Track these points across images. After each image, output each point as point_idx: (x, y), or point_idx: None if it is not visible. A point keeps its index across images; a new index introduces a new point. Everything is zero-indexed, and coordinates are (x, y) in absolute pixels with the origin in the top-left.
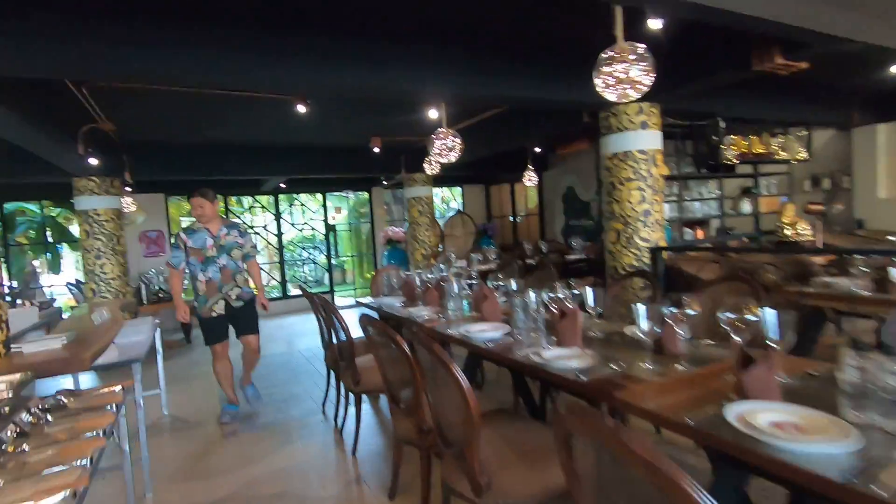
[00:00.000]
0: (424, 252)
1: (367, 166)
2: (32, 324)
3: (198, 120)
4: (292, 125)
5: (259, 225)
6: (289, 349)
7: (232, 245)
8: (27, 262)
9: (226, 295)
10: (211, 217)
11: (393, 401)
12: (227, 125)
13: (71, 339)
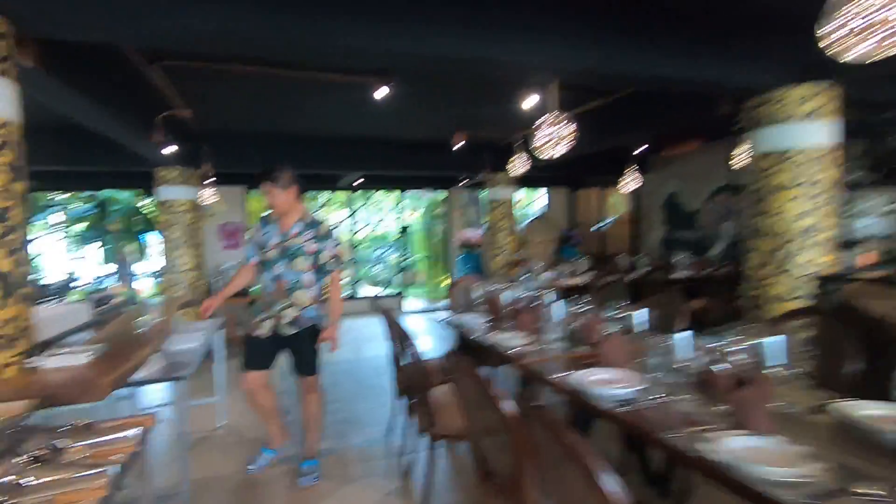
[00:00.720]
0: (503, 258)
1: (447, 164)
2: (83, 322)
3: (274, 109)
4: (372, 116)
5: (334, 222)
6: (355, 356)
7: (297, 250)
8: (120, 249)
9: (277, 316)
10: (284, 209)
11: (482, 468)
12: (305, 115)
13: (100, 353)
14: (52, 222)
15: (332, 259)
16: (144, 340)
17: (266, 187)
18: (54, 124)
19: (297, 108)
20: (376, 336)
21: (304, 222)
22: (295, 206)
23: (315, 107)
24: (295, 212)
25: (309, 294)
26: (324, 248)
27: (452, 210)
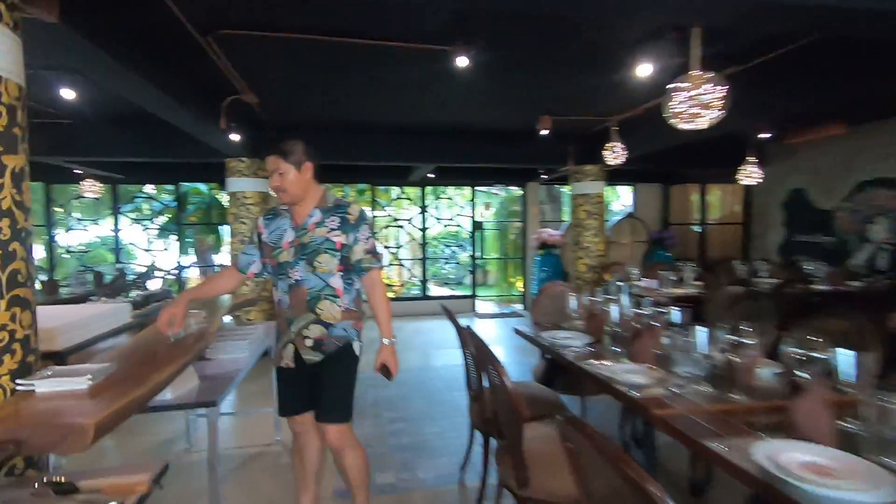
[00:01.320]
0: (589, 262)
1: (527, 155)
2: (123, 324)
3: (341, 92)
4: (447, 99)
5: (404, 218)
6: (425, 364)
7: (319, 245)
8: (199, 240)
9: (296, 336)
10: (297, 194)
11: None
12: (374, 99)
13: (103, 375)
14: (137, 214)
15: (368, 255)
16: (177, 353)
17: (273, 163)
18: (133, 115)
19: (366, 90)
20: (448, 341)
21: (323, 209)
22: (311, 190)
23: (386, 89)
24: (311, 198)
25: (339, 305)
26: (356, 239)
27: (530, 207)
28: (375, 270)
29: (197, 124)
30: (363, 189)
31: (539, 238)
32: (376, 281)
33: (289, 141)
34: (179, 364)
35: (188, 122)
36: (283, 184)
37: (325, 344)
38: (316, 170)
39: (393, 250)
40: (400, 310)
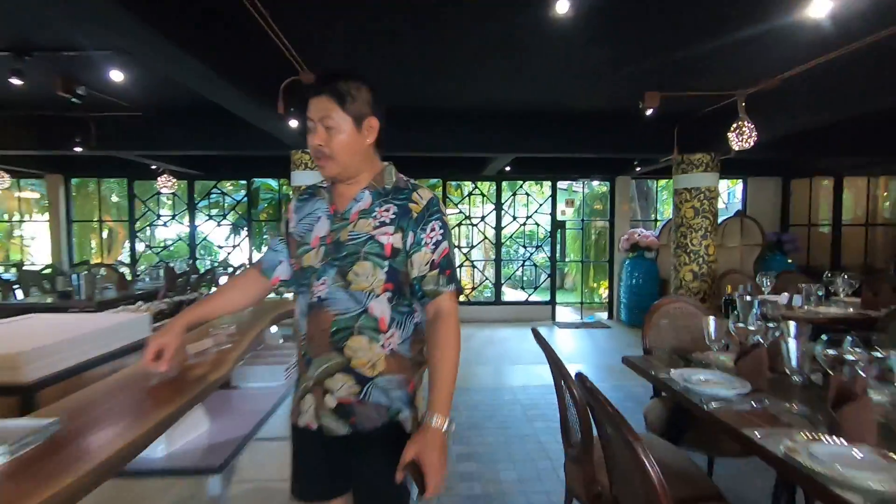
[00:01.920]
0: (696, 269)
1: (622, 143)
2: (137, 340)
3: (406, 69)
4: (532, 74)
5: (477, 216)
6: (498, 382)
7: (361, 245)
8: (272, 236)
9: (314, 384)
10: (348, 162)
11: None
12: (446, 76)
13: (40, 438)
14: (214, 210)
15: (436, 271)
16: (177, 389)
17: (321, 109)
18: (202, 107)
19: (437, 66)
20: (525, 354)
21: (378, 189)
22: (369, 163)
23: (459, 63)
24: (366, 174)
25: (382, 345)
26: (418, 242)
27: (619, 204)
28: (446, 297)
29: (256, 110)
30: (433, 184)
31: (630, 239)
32: (445, 314)
33: (350, 79)
34: (176, 407)
35: (246, 108)
36: (330, 144)
37: (356, 413)
38: (382, 134)
39: (465, 250)
40: (470, 315)
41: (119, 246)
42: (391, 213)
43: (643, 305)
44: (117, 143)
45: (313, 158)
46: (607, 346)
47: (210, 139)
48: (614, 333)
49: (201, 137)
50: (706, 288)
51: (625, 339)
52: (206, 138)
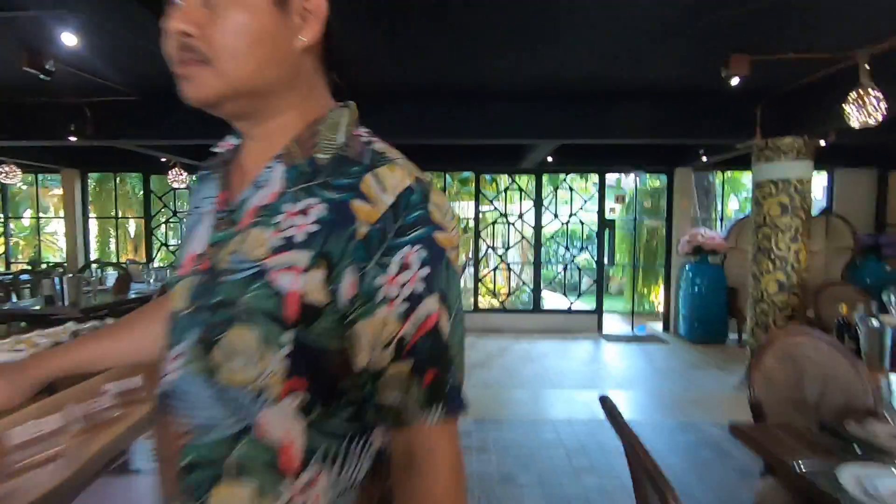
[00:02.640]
0: (783, 278)
1: (690, 125)
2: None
3: (433, 41)
4: (581, 41)
5: (514, 214)
6: (537, 413)
7: (245, 283)
8: None
9: None
10: (242, 75)
11: None
12: (482, 45)
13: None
14: None
15: (409, 360)
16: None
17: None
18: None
19: (468, 33)
20: (569, 375)
21: (301, 161)
22: (297, 93)
23: (495, 28)
24: (292, 115)
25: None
26: (372, 287)
27: (678, 199)
28: (433, 431)
29: None
30: (466, 178)
31: (692, 241)
32: (427, 466)
33: None
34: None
35: None
36: (209, 29)
37: None
38: (334, 39)
39: (500, 251)
40: (505, 325)
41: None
42: (311, 218)
43: (708, 318)
44: (115, 132)
45: (171, 65)
46: (666, 367)
47: (216, 127)
48: (673, 351)
49: (206, 125)
50: (796, 303)
51: (687, 358)
52: (212, 126)
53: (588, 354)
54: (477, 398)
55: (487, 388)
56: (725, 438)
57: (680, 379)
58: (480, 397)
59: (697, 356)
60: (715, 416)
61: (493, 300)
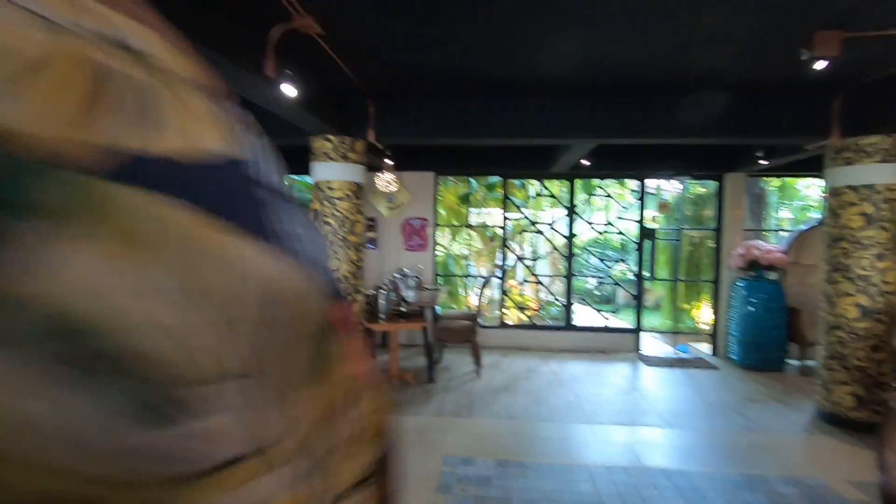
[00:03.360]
0: (867, 303)
1: (749, 123)
2: None
3: (455, 25)
4: (619, 26)
5: (545, 222)
6: (568, 455)
7: None
8: None
9: None
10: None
11: None
12: (511, 29)
13: None
14: None
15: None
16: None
17: None
18: None
19: (491, 16)
20: (607, 406)
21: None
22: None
23: (516, 11)
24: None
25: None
26: None
27: (729, 208)
28: None
29: (236, 73)
30: (493, 183)
31: (747, 255)
32: None
33: None
34: None
35: (232, 74)
36: None
37: None
38: None
39: (528, 263)
40: (533, 343)
41: None
42: None
43: (764, 342)
44: None
45: None
46: (718, 400)
47: None
48: (724, 379)
49: None
50: (881, 331)
51: (741, 388)
52: None
53: (626, 380)
54: (500, 433)
55: (512, 421)
56: (805, 501)
57: (737, 416)
58: (504, 432)
59: (754, 386)
60: (787, 467)
61: (521, 315)
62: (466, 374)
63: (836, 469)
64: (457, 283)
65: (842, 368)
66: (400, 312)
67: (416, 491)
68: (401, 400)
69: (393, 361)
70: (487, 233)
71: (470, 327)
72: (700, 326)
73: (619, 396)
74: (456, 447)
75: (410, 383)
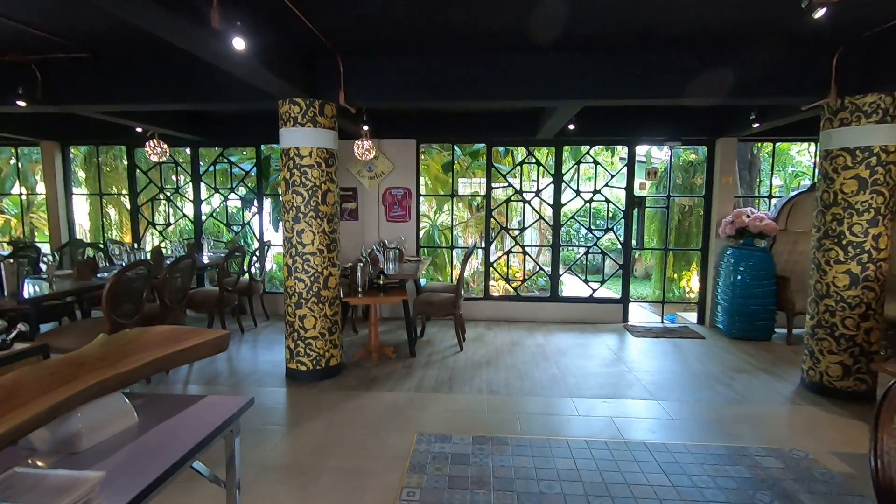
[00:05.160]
0: (857, 270)
1: (741, 81)
2: None
3: None
4: None
5: (531, 190)
6: (549, 429)
7: None
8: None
9: None
10: None
11: None
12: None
13: None
14: (219, 181)
15: None
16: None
17: None
18: (164, 48)
19: None
20: (591, 379)
21: None
22: None
23: None
24: None
25: None
26: None
27: (719, 174)
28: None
29: (183, 25)
30: (477, 151)
31: (737, 222)
32: None
33: None
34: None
35: (168, 25)
36: None
37: None
38: None
39: (515, 233)
40: (519, 314)
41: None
42: None
43: (752, 311)
44: (68, 96)
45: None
46: (703, 371)
47: (182, 89)
48: (711, 349)
49: (170, 88)
50: (872, 299)
51: (727, 358)
52: (178, 88)
53: (611, 352)
54: (479, 407)
55: (493, 395)
56: (788, 474)
57: (722, 386)
58: (483, 406)
59: (740, 356)
60: (771, 439)
61: (507, 286)
62: (449, 347)
63: (821, 440)
64: (442, 255)
65: (829, 337)
66: (379, 286)
67: (385, 471)
68: (379, 375)
69: (373, 336)
70: (473, 202)
71: (452, 300)
72: (689, 296)
73: (603, 369)
74: (433, 424)
75: (390, 358)
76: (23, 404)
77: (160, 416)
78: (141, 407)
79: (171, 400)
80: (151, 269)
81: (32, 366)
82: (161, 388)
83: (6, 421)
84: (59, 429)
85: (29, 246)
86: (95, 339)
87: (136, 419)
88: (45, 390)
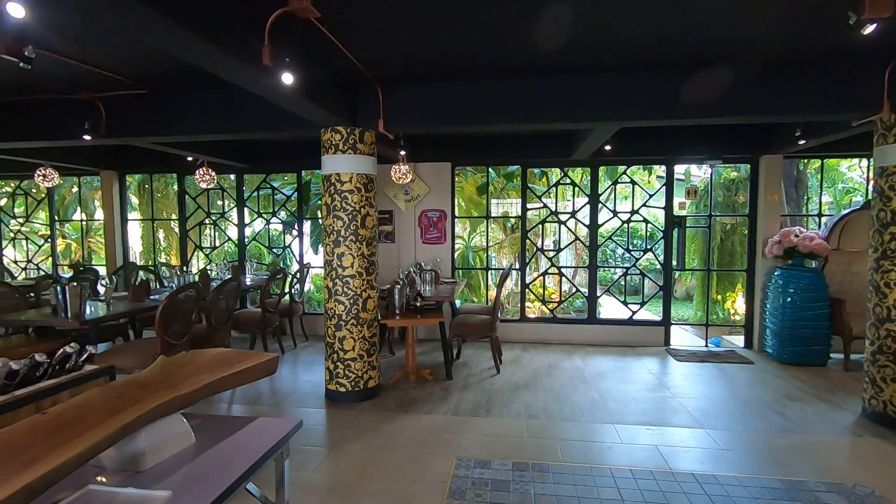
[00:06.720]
0: None
1: (786, 99)
2: None
3: (469, 10)
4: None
5: (566, 211)
6: (589, 456)
7: None
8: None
9: None
10: None
11: None
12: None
13: None
14: (262, 206)
15: None
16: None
17: None
18: (202, 79)
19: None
20: (633, 404)
21: None
22: None
23: None
24: None
25: None
26: None
27: (764, 193)
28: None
29: (235, 62)
30: (512, 173)
31: (785, 242)
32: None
33: None
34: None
35: (222, 63)
36: None
37: None
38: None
39: (551, 254)
40: (556, 336)
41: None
42: None
43: (804, 335)
44: (128, 129)
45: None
46: (754, 398)
47: (231, 122)
48: (760, 375)
49: (219, 120)
50: None
51: (779, 385)
52: (226, 121)
53: (653, 376)
54: (519, 433)
55: (532, 420)
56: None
57: (774, 415)
58: (522, 431)
59: (793, 382)
60: (831, 472)
61: (543, 308)
62: (486, 370)
63: (888, 476)
64: (476, 276)
65: (893, 364)
66: (416, 307)
67: (426, 496)
68: (417, 398)
69: (410, 358)
70: (508, 223)
71: (489, 322)
72: (734, 318)
73: (646, 394)
74: (471, 448)
75: (427, 380)
76: (95, 424)
77: (215, 437)
78: (197, 427)
79: (224, 421)
80: (200, 292)
81: (101, 387)
82: (206, 407)
83: (83, 440)
84: (126, 448)
85: (88, 269)
86: (155, 361)
87: (193, 440)
88: (115, 411)
